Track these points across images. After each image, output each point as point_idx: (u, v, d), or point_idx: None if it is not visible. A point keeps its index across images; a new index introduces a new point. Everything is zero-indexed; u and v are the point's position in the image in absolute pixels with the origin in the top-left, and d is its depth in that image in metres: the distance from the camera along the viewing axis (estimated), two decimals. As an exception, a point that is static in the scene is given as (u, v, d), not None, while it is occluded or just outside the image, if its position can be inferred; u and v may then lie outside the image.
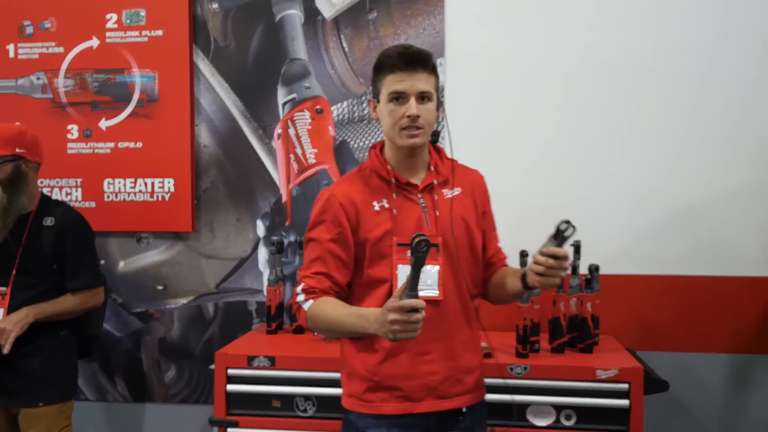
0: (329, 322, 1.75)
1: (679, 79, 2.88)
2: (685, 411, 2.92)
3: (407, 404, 1.81)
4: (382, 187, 1.83)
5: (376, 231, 1.79)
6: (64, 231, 2.58)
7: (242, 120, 3.12)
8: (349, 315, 1.72)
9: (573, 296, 2.60)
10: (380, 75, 1.78)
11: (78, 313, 2.62)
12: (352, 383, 1.86)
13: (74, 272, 2.59)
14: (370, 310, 1.69)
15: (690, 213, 2.90)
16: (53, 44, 3.19)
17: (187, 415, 3.19)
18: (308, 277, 1.80)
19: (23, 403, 2.54)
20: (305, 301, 1.78)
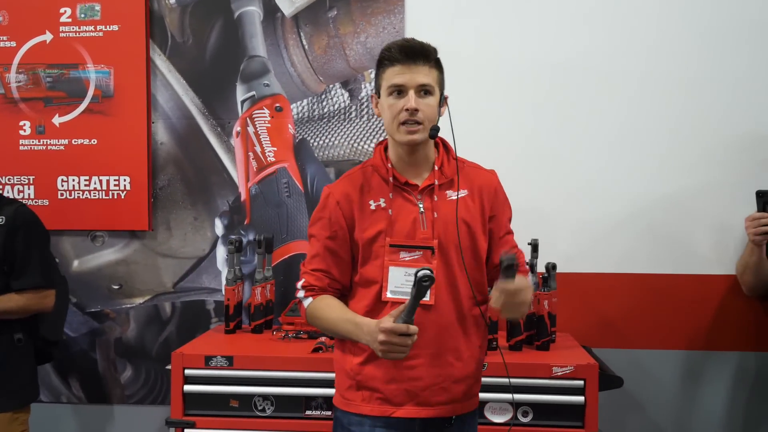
0: (325, 323, 1.80)
1: (638, 81, 2.93)
2: (639, 407, 2.97)
3: (386, 407, 1.78)
4: (381, 185, 1.79)
5: (369, 231, 1.77)
6: (15, 230, 2.50)
7: (200, 117, 3.08)
8: (345, 320, 1.74)
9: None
10: (381, 69, 1.76)
11: (23, 314, 2.52)
12: (339, 380, 1.88)
13: (21, 272, 2.51)
14: (364, 321, 1.70)
15: (645, 212, 2.95)
16: (5, 38, 3.11)
17: (143, 416, 3.14)
18: (308, 274, 1.83)
19: None
20: (305, 298, 1.82)
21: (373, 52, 2.99)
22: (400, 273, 1.75)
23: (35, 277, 2.53)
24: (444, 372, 1.78)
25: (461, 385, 1.81)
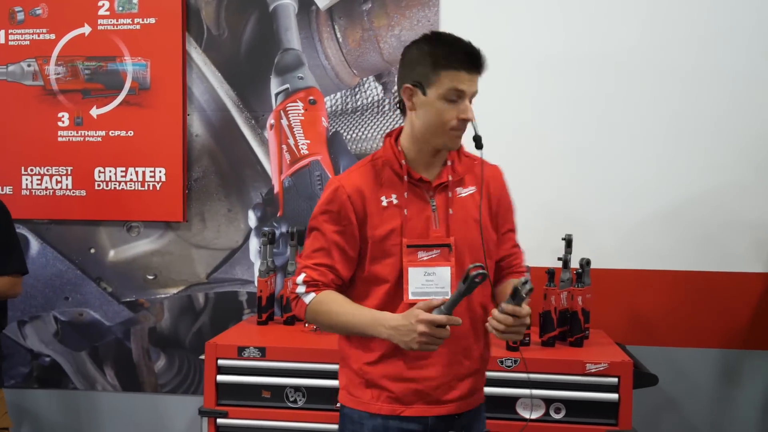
0: (334, 319, 1.68)
1: (673, 76, 2.88)
2: (674, 406, 2.93)
3: (396, 406, 1.74)
4: (393, 180, 1.72)
5: (381, 228, 1.70)
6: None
7: (235, 110, 3.11)
8: (361, 315, 1.66)
9: (564, 290, 2.60)
10: (439, 68, 1.63)
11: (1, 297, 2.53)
12: (345, 376, 1.81)
13: (5, 257, 2.51)
14: (384, 315, 1.64)
15: (682, 208, 2.91)
16: (44, 31, 3.17)
17: (176, 405, 3.18)
18: (310, 268, 1.71)
19: None
20: (306, 293, 1.70)
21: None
22: (420, 273, 1.71)
23: (19, 263, 2.56)
24: (453, 371, 1.75)
25: (468, 382, 1.78)
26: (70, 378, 3.24)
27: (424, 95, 1.66)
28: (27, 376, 3.26)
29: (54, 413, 3.27)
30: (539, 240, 2.85)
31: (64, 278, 3.22)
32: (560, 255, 2.64)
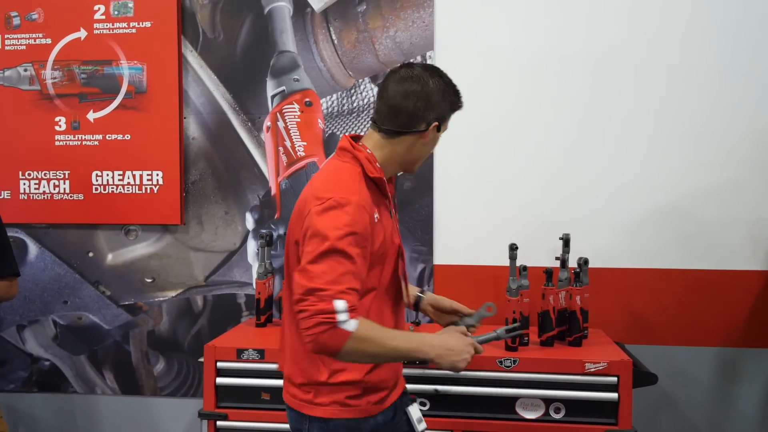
0: (384, 346, 1.63)
1: (669, 73, 2.88)
2: (673, 404, 2.93)
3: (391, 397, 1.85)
4: (376, 196, 1.76)
5: (376, 242, 1.73)
6: None
7: (231, 112, 3.11)
8: (408, 339, 1.70)
9: (562, 290, 2.60)
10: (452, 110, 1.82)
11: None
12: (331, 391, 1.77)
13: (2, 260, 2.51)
14: (432, 336, 1.72)
15: (679, 206, 2.91)
16: (40, 35, 3.17)
17: (176, 409, 3.18)
18: (345, 293, 1.58)
19: None
20: (348, 320, 1.57)
21: (402, 46, 2.99)
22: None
23: (12, 265, 2.55)
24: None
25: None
26: (70, 382, 3.23)
27: (438, 131, 1.79)
28: (26, 380, 3.26)
29: (54, 417, 3.27)
30: (536, 239, 2.87)
31: (62, 282, 3.22)
32: (558, 254, 2.65)
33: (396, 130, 1.75)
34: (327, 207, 1.64)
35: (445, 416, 2.44)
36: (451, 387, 2.43)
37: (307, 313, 1.57)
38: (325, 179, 1.75)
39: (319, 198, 1.67)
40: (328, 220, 1.63)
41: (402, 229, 3.00)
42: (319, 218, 1.64)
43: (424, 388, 2.43)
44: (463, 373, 2.41)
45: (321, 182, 1.74)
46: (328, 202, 1.64)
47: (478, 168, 2.97)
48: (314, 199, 1.68)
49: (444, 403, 2.44)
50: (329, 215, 1.63)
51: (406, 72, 1.76)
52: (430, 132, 1.76)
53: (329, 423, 1.77)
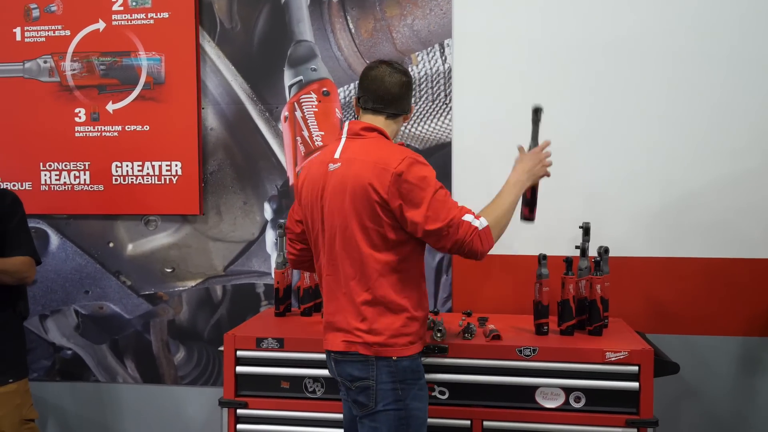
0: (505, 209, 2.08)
1: (692, 61, 2.84)
2: (695, 394, 2.90)
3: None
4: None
5: None
6: (6, 209, 2.56)
7: (249, 102, 3.11)
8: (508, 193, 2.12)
9: (582, 278, 2.58)
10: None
11: (17, 278, 2.53)
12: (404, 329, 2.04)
13: (16, 243, 2.55)
14: (514, 174, 2.17)
15: (700, 195, 2.87)
16: (60, 27, 3.19)
17: (196, 397, 3.21)
18: (464, 208, 2.02)
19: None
20: (479, 220, 2.01)
21: (420, 34, 2.97)
22: None
23: (29, 247, 2.59)
24: None
25: None
26: (92, 370, 3.27)
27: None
28: (49, 369, 3.30)
29: (76, 405, 3.32)
30: (556, 228, 2.85)
31: (83, 272, 3.25)
32: (578, 243, 2.62)
33: (396, 113, 2.13)
34: (409, 163, 1.97)
35: (464, 405, 2.43)
36: (471, 376, 2.42)
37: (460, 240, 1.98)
38: (380, 151, 2.01)
39: (395, 162, 1.96)
40: (419, 171, 1.97)
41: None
42: (410, 172, 1.96)
43: (442, 377, 2.43)
44: (482, 362, 2.40)
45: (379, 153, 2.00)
46: (406, 160, 1.97)
47: (495, 156, 2.94)
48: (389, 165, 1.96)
49: (463, 392, 2.43)
50: (416, 168, 1.98)
51: (395, 67, 2.12)
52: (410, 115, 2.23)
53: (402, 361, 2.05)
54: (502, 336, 2.48)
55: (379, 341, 2.02)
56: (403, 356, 2.03)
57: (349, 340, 2.05)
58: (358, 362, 2.04)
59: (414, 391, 2.05)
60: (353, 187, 1.99)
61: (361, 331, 2.03)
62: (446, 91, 2.97)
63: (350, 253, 2.03)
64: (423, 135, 2.99)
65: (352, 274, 2.03)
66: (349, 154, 2.04)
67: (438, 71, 2.97)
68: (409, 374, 2.04)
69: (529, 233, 2.87)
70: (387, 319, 2.02)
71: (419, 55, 2.98)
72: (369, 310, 2.03)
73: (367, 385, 2.03)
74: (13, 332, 2.62)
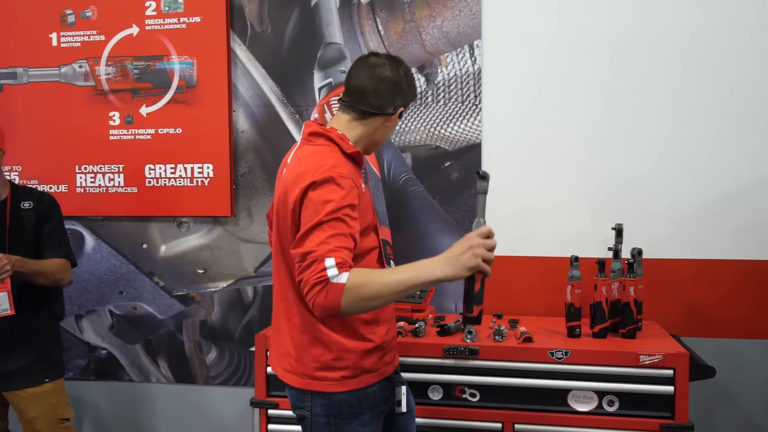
0: (383, 283, 1.65)
1: (729, 60, 2.79)
2: (732, 398, 2.85)
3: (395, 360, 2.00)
4: (356, 169, 1.88)
5: (369, 212, 1.87)
6: (45, 211, 2.63)
7: (279, 105, 3.13)
8: (408, 269, 1.67)
9: (615, 280, 2.55)
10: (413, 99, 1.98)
11: (53, 280, 2.58)
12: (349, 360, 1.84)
13: (56, 246, 2.62)
14: (430, 259, 1.68)
15: (735, 196, 2.82)
16: (94, 32, 3.24)
17: (228, 397, 3.23)
18: (335, 251, 1.64)
19: (27, 384, 2.58)
20: (339, 274, 1.62)
21: (450, 35, 2.96)
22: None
23: (66, 249, 2.66)
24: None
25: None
26: (126, 370, 3.32)
27: (399, 118, 1.95)
28: (84, 368, 3.36)
29: (110, 404, 3.37)
30: (588, 230, 2.82)
31: (118, 273, 3.30)
32: (610, 245, 2.59)
33: (368, 111, 1.88)
34: (322, 180, 1.72)
35: (495, 407, 2.42)
36: (502, 378, 2.41)
37: (303, 279, 1.65)
38: (309, 161, 1.80)
39: (311, 176, 1.73)
40: (323, 194, 1.71)
41: (449, 219, 2.98)
42: (314, 193, 1.71)
43: (473, 380, 2.41)
44: (513, 365, 2.39)
45: (306, 164, 1.79)
46: (322, 176, 1.72)
47: (527, 158, 2.93)
48: (305, 178, 1.74)
49: (494, 395, 2.42)
50: (324, 189, 1.71)
51: (376, 60, 1.90)
52: (396, 116, 1.91)
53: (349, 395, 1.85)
54: (533, 338, 2.47)
55: (307, 373, 1.84)
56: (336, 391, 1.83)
57: (283, 368, 1.90)
58: (295, 390, 1.89)
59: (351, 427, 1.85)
60: (278, 198, 1.86)
61: (292, 358, 1.86)
62: (476, 92, 2.96)
63: (279, 272, 1.89)
64: (452, 136, 2.98)
65: (284, 295, 1.87)
66: (291, 162, 1.88)
67: (467, 72, 2.96)
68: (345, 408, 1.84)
69: (561, 235, 2.86)
70: (316, 349, 1.83)
71: (448, 56, 2.97)
72: (297, 337, 1.85)
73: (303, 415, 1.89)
74: (50, 333, 2.68)
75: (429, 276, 1.65)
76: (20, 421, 2.64)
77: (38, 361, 2.61)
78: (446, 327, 2.55)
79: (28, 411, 2.59)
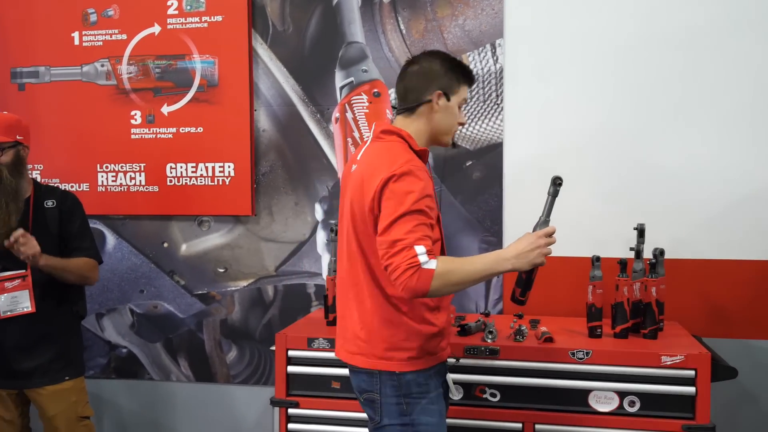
0: (467, 271, 1.80)
1: (753, 58, 2.77)
2: (754, 400, 2.83)
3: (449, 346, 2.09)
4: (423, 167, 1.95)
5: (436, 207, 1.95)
6: (68, 210, 2.64)
7: (300, 104, 3.14)
8: (483, 260, 1.85)
9: (637, 281, 2.54)
10: (464, 82, 2.01)
11: (80, 277, 2.61)
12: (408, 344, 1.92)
13: (81, 243, 2.63)
14: (501, 251, 1.86)
15: (758, 196, 2.79)
16: (116, 31, 3.26)
17: (248, 396, 3.25)
18: (422, 239, 1.77)
19: (47, 382, 2.60)
20: (429, 260, 1.75)
21: (471, 34, 2.96)
22: None
23: (93, 248, 2.68)
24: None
25: None
26: (146, 369, 3.35)
27: (448, 101, 1.98)
28: (105, 366, 3.39)
29: (131, 403, 3.39)
30: (610, 230, 2.81)
31: (138, 272, 3.32)
32: (632, 245, 2.58)
33: (410, 107, 1.99)
34: (402, 173, 1.82)
35: (515, 407, 2.42)
36: (522, 378, 2.41)
37: (393, 264, 1.76)
38: (386, 155, 1.90)
39: (389, 169, 1.83)
40: (405, 185, 1.81)
41: (471, 219, 2.98)
42: (396, 185, 1.81)
43: (493, 380, 2.41)
44: (534, 365, 2.38)
45: (382, 159, 1.89)
46: (401, 169, 1.82)
47: (549, 157, 2.92)
48: (383, 171, 1.84)
49: (515, 395, 2.41)
50: (405, 181, 1.81)
51: (409, 61, 2.05)
52: (437, 100, 1.96)
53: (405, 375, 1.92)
54: (554, 338, 2.46)
55: (377, 353, 1.92)
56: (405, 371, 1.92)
57: (350, 351, 1.98)
58: (363, 373, 1.97)
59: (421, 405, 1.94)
60: (354, 191, 1.94)
61: (361, 340, 1.95)
62: (497, 92, 2.95)
63: (352, 259, 1.96)
64: (474, 136, 2.98)
65: (355, 280, 1.96)
66: (364, 158, 1.97)
67: (489, 71, 2.96)
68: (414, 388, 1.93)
69: (582, 235, 2.86)
70: (386, 330, 1.92)
71: (470, 55, 2.97)
72: (368, 319, 1.94)
73: (372, 398, 1.96)
74: (71, 331, 2.69)
75: (501, 268, 1.84)
76: (40, 418, 2.66)
77: (59, 359, 2.62)
78: (467, 327, 2.55)
79: (48, 409, 2.61)
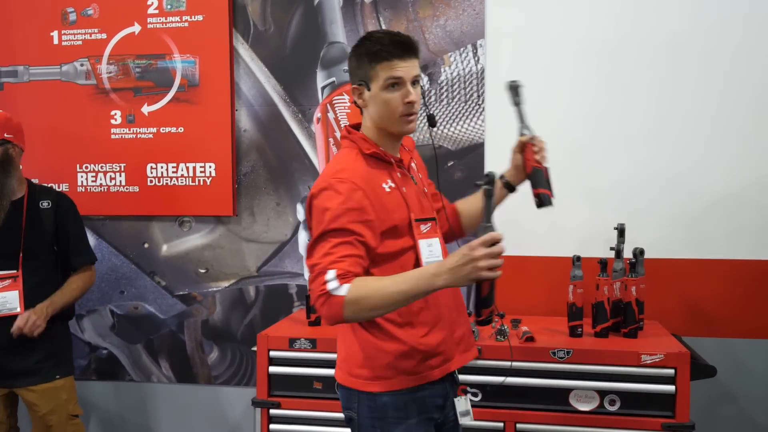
0: (384, 295, 1.61)
1: (729, 60, 2.79)
2: (733, 398, 2.86)
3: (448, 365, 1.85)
4: (382, 168, 1.81)
5: (397, 212, 1.77)
6: (64, 212, 2.66)
7: (282, 104, 3.13)
8: (409, 278, 1.64)
9: (617, 280, 2.56)
10: (373, 62, 1.75)
11: (84, 292, 2.72)
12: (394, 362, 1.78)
13: (79, 249, 2.71)
14: (433, 267, 1.62)
15: (737, 196, 2.82)
16: (96, 31, 3.24)
17: (230, 397, 3.23)
18: (337, 262, 1.62)
19: (38, 380, 2.60)
20: (339, 287, 1.60)
21: (453, 35, 2.96)
22: (426, 245, 1.83)
23: (91, 253, 2.76)
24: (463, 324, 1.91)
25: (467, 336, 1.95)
26: (127, 370, 3.32)
27: (369, 90, 1.78)
28: (86, 368, 3.36)
29: (111, 404, 3.37)
30: (590, 229, 2.83)
31: (119, 273, 3.30)
32: (612, 245, 2.60)
33: (355, 100, 1.83)
34: (320, 189, 1.72)
35: (496, 407, 2.42)
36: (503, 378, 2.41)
37: (311, 291, 1.65)
38: (324, 170, 1.83)
39: (316, 184, 1.75)
40: (321, 202, 1.70)
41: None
42: (316, 202, 1.72)
43: (475, 379, 2.42)
44: (515, 364, 2.38)
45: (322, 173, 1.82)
46: (321, 185, 1.73)
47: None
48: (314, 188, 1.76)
49: (496, 395, 2.42)
50: (322, 197, 1.71)
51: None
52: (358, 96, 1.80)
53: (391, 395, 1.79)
54: (535, 338, 2.47)
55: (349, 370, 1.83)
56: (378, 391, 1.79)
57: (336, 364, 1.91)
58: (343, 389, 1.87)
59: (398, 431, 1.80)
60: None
61: (340, 356, 1.88)
62: (479, 92, 2.96)
63: None
64: (455, 136, 2.99)
65: None
66: None
67: (470, 72, 2.96)
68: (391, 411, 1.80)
69: (563, 234, 2.87)
70: (355, 346, 1.82)
71: (452, 55, 2.97)
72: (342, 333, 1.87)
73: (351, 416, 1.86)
74: (60, 331, 2.69)
75: (429, 287, 1.61)
76: (31, 417, 2.66)
77: (49, 358, 2.63)
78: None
79: (40, 407, 2.61)
